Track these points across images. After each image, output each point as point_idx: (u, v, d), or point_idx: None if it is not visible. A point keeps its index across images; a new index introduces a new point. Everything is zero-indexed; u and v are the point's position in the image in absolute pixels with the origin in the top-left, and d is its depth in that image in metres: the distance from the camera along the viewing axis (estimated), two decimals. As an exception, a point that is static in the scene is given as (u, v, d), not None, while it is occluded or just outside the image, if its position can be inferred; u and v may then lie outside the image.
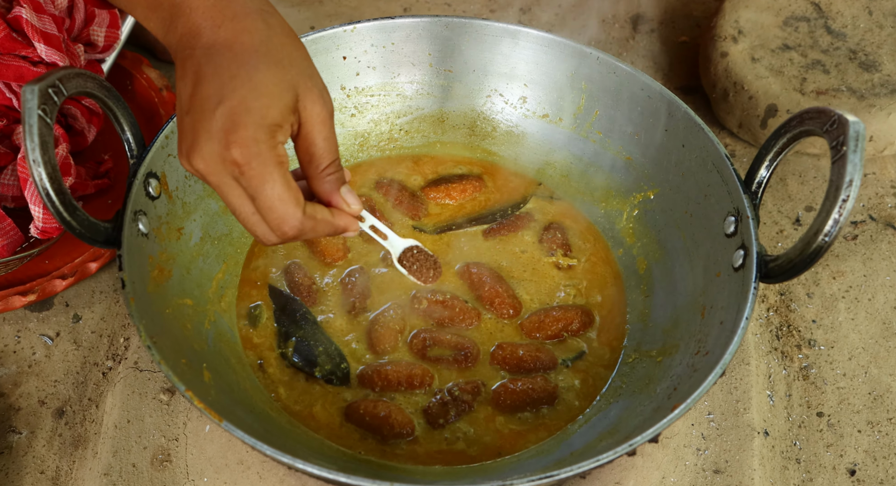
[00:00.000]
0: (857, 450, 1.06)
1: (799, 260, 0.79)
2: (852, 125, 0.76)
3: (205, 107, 0.73)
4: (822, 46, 1.34)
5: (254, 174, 0.74)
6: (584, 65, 1.07)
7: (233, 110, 0.72)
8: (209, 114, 0.73)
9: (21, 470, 1.01)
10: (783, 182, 1.30)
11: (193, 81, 0.75)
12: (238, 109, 0.72)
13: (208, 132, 0.73)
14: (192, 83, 0.75)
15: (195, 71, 0.75)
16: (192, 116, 0.74)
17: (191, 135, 0.74)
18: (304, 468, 0.70)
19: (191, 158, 0.74)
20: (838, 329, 1.15)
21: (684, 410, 0.74)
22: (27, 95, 0.74)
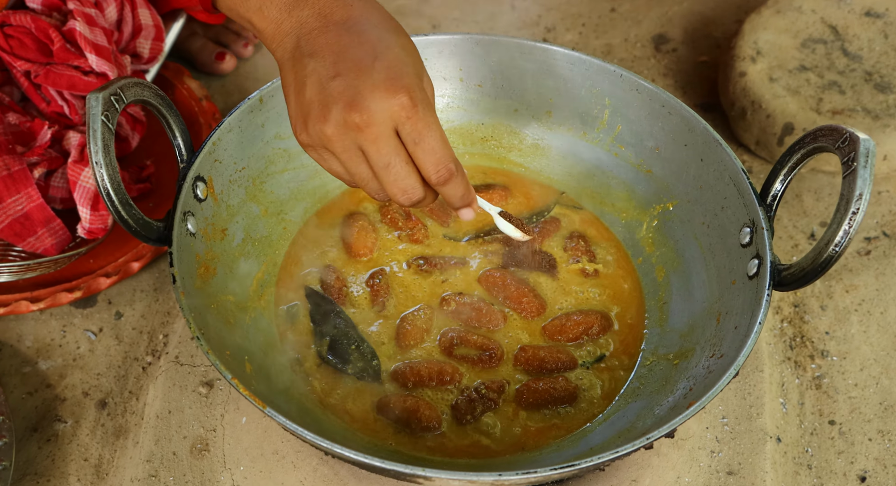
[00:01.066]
0: (867, 458, 1.08)
1: (811, 269, 0.83)
2: (863, 142, 0.80)
3: (360, 66, 0.76)
4: (838, 68, 1.37)
5: (420, 117, 0.76)
6: (608, 82, 1.09)
7: (391, 64, 0.77)
8: (367, 69, 0.76)
9: (66, 457, 1.05)
10: (799, 198, 1.33)
11: (335, 50, 0.78)
12: (396, 63, 0.77)
13: (372, 85, 0.75)
14: (334, 52, 0.78)
15: (335, 41, 0.79)
16: (344, 78, 0.76)
17: (348, 93, 0.76)
18: (341, 452, 0.74)
19: (350, 115, 0.76)
20: (851, 341, 1.18)
21: (699, 408, 0.78)
22: (92, 102, 0.79)
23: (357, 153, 0.79)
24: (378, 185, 0.82)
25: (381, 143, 0.77)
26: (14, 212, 1.12)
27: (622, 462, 1.00)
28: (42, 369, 1.12)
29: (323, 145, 0.80)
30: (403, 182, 0.80)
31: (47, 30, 1.17)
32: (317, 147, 0.82)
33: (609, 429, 0.93)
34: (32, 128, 1.18)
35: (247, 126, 1.03)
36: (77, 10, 1.19)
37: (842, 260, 1.25)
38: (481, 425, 0.95)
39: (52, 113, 1.21)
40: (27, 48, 1.18)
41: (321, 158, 0.83)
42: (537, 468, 0.73)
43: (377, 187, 0.82)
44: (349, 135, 0.78)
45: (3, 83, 1.24)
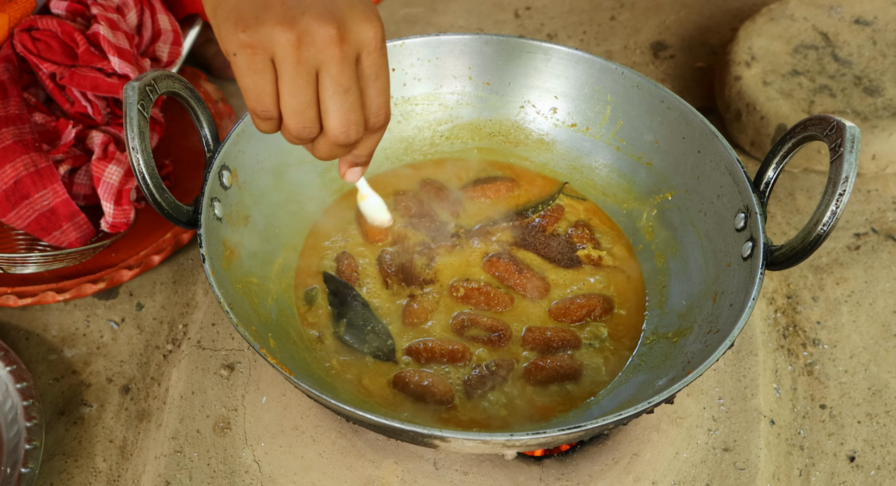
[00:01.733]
0: (856, 439, 1.12)
1: (801, 248, 0.87)
2: (849, 129, 0.84)
3: None
4: (829, 72, 1.42)
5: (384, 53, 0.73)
6: (610, 79, 1.14)
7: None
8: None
9: (92, 438, 1.09)
10: (792, 196, 1.37)
11: None
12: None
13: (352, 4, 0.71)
14: None
15: None
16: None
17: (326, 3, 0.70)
18: (362, 416, 0.78)
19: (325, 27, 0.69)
20: (841, 330, 1.22)
21: (697, 375, 0.82)
22: (129, 91, 0.84)
23: (309, 72, 0.71)
24: (313, 115, 0.74)
25: (345, 65, 0.71)
26: (41, 206, 1.16)
27: (624, 437, 1.04)
28: (67, 356, 1.17)
29: (268, 52, 0.71)
30: (355, 114, 0.74)
31: (73, 33, 1.22)
32: (257, 51, 0.71)
33: (612, 402, 0.97)
34: (57, 127, 1.23)
35: None
36: (101, 15, 1.24)
37: (833, 254, 1.30)
38: (492, 399, 0.99)
39: (75, 113, 1.25)
40: (53, 51, 1.22)
41: (251, 65, 0.72)
42: (546, 429, 0.78)
43: (310, 118, 0.74)
44: (313, 48, 0.70)
45: (29, 85, 1.28)
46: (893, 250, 1.31)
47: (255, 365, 1.11)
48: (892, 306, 1.24)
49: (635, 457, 1.03)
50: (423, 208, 1.16)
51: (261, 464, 1.03)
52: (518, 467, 1.00)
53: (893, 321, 1.23)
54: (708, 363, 0.83)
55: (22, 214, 1.16)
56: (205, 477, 1.03)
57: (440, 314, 1.07)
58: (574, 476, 1.00)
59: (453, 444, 0.80)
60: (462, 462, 0.99)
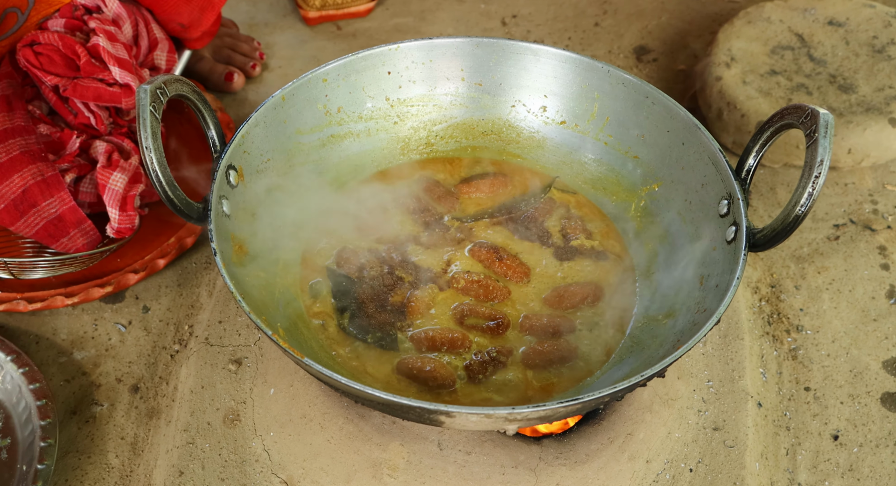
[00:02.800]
0: (839, 419, 1.15)
1: (781, 229, 0.90)
2: (822, 116, 0.88)
3: None
4: (805, 72, 1.47)
5: None
6: (596, 77, 1.17)
7: None
8: None
9: (104, 436, 1.11)
10: (773, 191, 1.41)
11: None
12: None
13: None
14: None
15: None
16: None
17: None
18: (372, 394, 0.80)
19: None
20: (823, 316, 1.25)
21: (686, 349, 0.84)
22: (141, 94, 0.88)
23: None
24: None
25: None
26: (48, 214, 1.19)
27: (618, 418, 1.08)
28: (77, 358, 1.19)
29: None
30: None
31: (74, 46, 1.24)
32: None
33: (607, 380, 1.00)
34: (62, 138, 1.26)
35: (271, 121, 1.10)
36: (99, 28, 1.27)
37: (813, 245, 1.34)
38: (492, 383, 1.02)
39: (79, 124, 1.28)
40: (56, 64, 1.25)
41: None
42: (546, 403, 0.81)
43: None
44: None
45: (31, 98, 1.31)
46: (871, 240, 1.34)
47: (262, 359, 1.15)
48: (870, 292, 1.28)
49: (629, 437, 1.06)
50: (420, 204, 1.19)
51: (270, 452, 1.06)
52: (518, 446, 1.03)
53: (872, 307, 1.26)
54: (697, 337, 0.86)
55: (30, 222, 1.18)
56: (217, 467, 1.06)
57: (441, 305, 1.10)
58: (572, 455, 1.04)
59: (458, 419, 0.83)
60: (465, 442, 1.03)
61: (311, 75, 1.14)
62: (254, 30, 1.72)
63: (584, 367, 1.04)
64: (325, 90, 1.16)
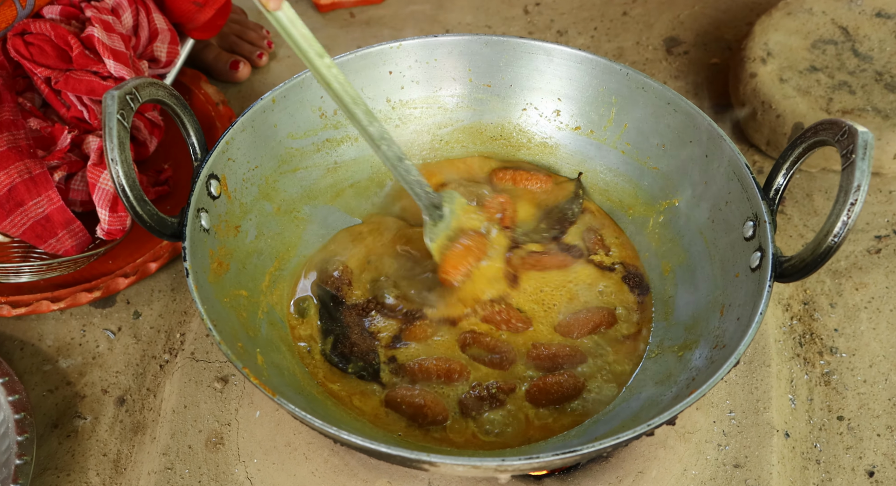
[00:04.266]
0: (875, 453, 1.08)
1: (811, 260, 0.84)
2: (861, 135, 0.80)
3: None
4: (849, 68, 1.38)
5: None
6: (614, 80, 1.11)
7: None
8: None
9: (86, 452, 1.07)
10: (810, 198, 1.33)
11: None
12: None
13: None
14: None
15: None
16: None
17: None
18: (347, 439, 0.75)
19: None
20: (860, 338, 1.18)
21: (699, 395, 0.78)
22: (108, 101, 0.82)
23: None
24: None
25: None
26: (35, 214, 1.14)
27: (628, 454, 1.00)
28: (62, 367, 1.15)
29: None
30: None
31: (66, 37, 1.20)
32: None
33: (614, 420, 0.93)
34: (53, 132, 1.21)
35: (260, 126, 1.05)
36: (95, 17, 1.22)
37: (852, 258, 1.26)
38: (487, 419, 0.96)
39: (71, 118, 1.24)
40: (47, 55, 1.20)
41: None
42: (539, 454, 0.74)
43: None
44: None
45: (24, 90, 1.26)
46: (916, 254, 1.26)
47: (250, 378, 1.09)
48: (913, 312, 1.20)
49: (640, 475, 0.99)
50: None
51: (253, 481, 1.00)
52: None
53: (915, 329, 1.19)
54: (712, 382, 0.80)
55: (17, 221, 1.14)
56: (196, 495, 1.01)
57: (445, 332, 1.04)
58: (576, 496, 0.97)
59: (442, 468, 0.76)
60: (457, 483, 0.96)
61: (305, 76, 1.08)
62: (262, 17, 1.65)
63: (591, 403, 0.98)
64: (321, 91, 1.10)
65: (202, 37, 1.41)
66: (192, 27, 1.38)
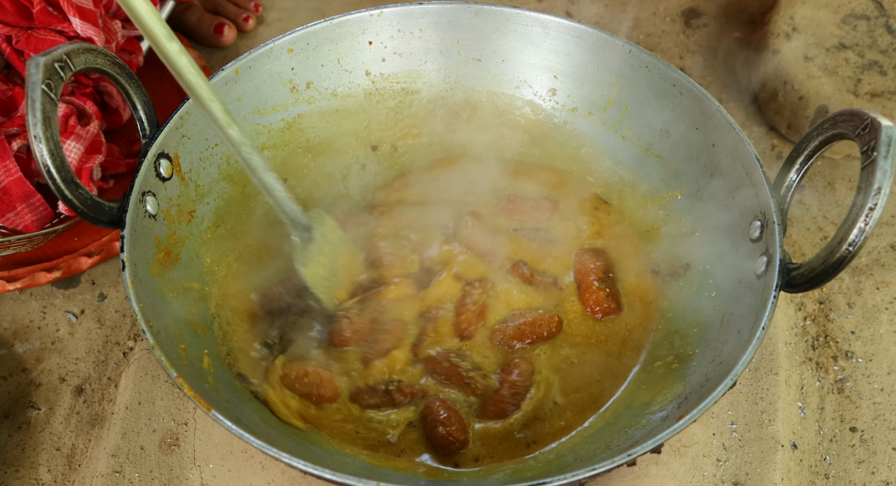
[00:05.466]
0: (890, 468, 1.03)
1: (821, 270, 0.77)
2: (885, 130, 0.73)
3: None
4: (881, 47, 1.31)
5: None
6: (616, 58, 1.04)
7: None
8: None
9: (38, 446, 1.02)
10: (831, 187, 1.27)
11: None
12: None
13: None
14: None
15: None
16: None
17: None
18: (288, 462, 0.69)
19: None
20: (878, 342, 1.12)
21: (689, 421, 0.72)
22: (31, 68, 0.74)
23: None
24: None
25: None
26: (-8, 186, 1.09)
27: (617, 471, 0.94)
28: (18, 352, 1.10)
29: None
30: None
31: (26, -10, 1.14)
32: None
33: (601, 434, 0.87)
34: (14, 97, 1.16)
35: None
36: (60, -29, 1.16)
37: (873, 254, 1.20)
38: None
39: (36, 81, 1.18)
40: (6, 11, 1.15)
41: None
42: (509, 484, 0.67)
43: None
44: None
45: (-18, 49, 1.21)
46: (944, 251, 1.20)
47: (210, 374, 1.02)
48: (939, 315, 1.14)
49: (629, 494, 0.92)
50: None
51: (208, 488, 0.93)
52: (492, 507, 0.89)
53: (940, 334, 1.12)
54: (703, 407, 0.73)
55: (-30, 194, 1.09)
56: (145, 501, 0.94)
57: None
58: (557, 517, 0.89)
59: (393, 497, 0.69)
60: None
61: (274, 44, 1.02)
62: (253, -23, 1.58)
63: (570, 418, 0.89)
64: (292, 62, 1.04)
65: None
66: None
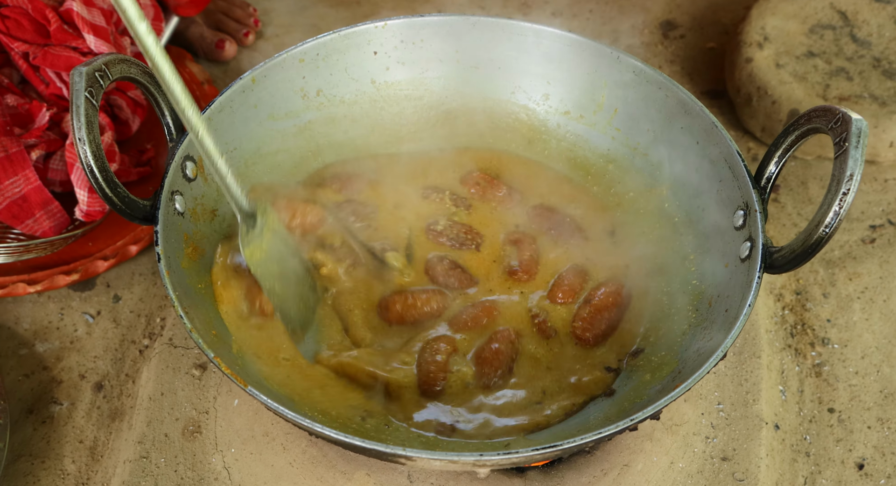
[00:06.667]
0: (866, 445, 1.07)
1: (801, 251, 0.82)
2: (855, 123, 0.78)
3: None
4: (846, 54, 1.36)
5: None
6: (605, 64, 1.08)
7: None
8: None
9: (61, 439, 1.05)
10: (804, 186, 1.32)
11: None
12: None
13: None
14: None
15: None
16: None
17: None
18: (322, 431, 0.73)
19: None
20: (852, 329, 1.17)
21: (684, 389, 0.77)
22: (75, 77, 0.79)
23: None
24: None
25: None
26: (11, 194, 1.12)
27: (613, 447, 0.99)
28: (39, 351, 1.13)
29: None
30: None
31: (44, 10, 1.17)
32: None
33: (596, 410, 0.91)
34: (31, 110, 1.18)
35: (239, 106, 1.02)
36: (74, -10, 1.19)
37: (846, 248, 1.25)
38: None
39: (50, 95, 1.21)
40: (24, 29, 1.18)
41: None
42: (519, 450, 0.72)
43: None
44: None
45: (2, 65, 1.24)
46: (911, 244, 1.25)
47: (228, 365, 1.06)
48: (908, 303, 1.19)
49: (626, 468, 0.97)
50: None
51: (230, 471, 0.98)
52: (499, 480, 0.94)
53: (909, 320, 1.17)
54: (697, 376, 0.78)
55: (-8, 202, 1.12)
56: (171, 485, 0.98)
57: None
58: (559, 489, 0.94)
59: (419, 463, 0.74)
60: (437, 475, 0.94)
61: (287, 55, 1.06)
62: (250, -6, 1.63)
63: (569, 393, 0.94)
64: (303, 71, 1.08)
65: (188, 13, 1.38)
66: (176, 3, 1.36)
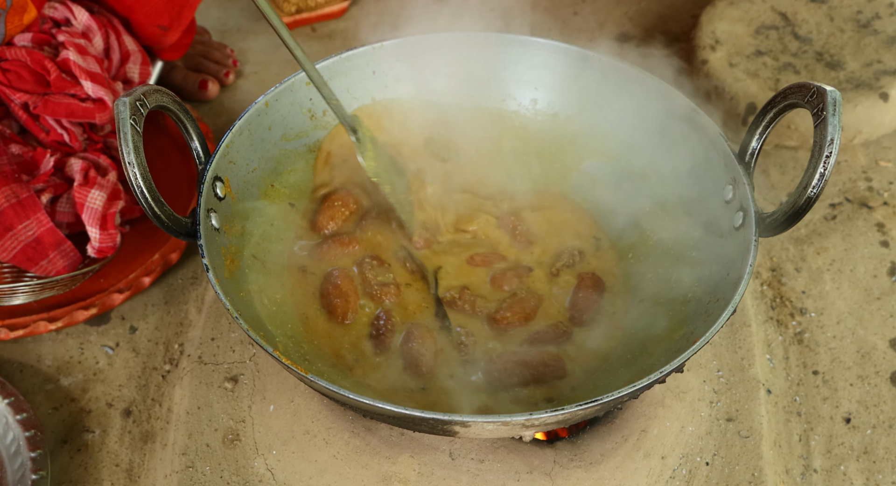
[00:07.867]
0: (850, 401, 1.14)
1: (792, 212, 0.88)
2: (829, 93, 0.85)
3: None
4: (791, 50, 1.46)
5: None
6: (588, 66, 1.14)
7: None
8: None
9: (98, 464, 1.08)
10: (766, 174, 1.39)
11: None
12: None
13: None
14: None
15: None
16: None
17: None
18: (382, 408, 0.77)
19: None
20: (826, 298, 1.24)
21: (705, 342, 0.82)
22: (120, 107, 0.84)
23: None
24: None
25: None
26: (25, 237, 1.15)
27: (631, 415, 1.05)
28: (64, 385, 1.15)
29: None
30: None
31: (43, 61, 1.21)
32: None
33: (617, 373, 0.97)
34: (35, 157, 1.21)
35: (255, 128, 1.07)
36: (68, 41, 1.23)
37: (811, 226, 1.32)
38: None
39: (52, 142, 1.24)
40: (25, 80, 1.21)
41: None
42: (564, 406, 0.78)
43: None
44: None
45: (1, 117, 1.27)
46: (868, 218, 1.33)
47: (259, 375, 1.11)
48: (871, 270, 1.27)
49: (643, 433, 1.04)
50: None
51: (274, 472, 1.02)
52: (532, 451, 1.00)
53: (874, 285, 1.25)
54: (715, 329, 0.83)
55: (7, 246, 1.14)
56: (219, 490, 1.03)
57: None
58: (587, 456, 1.01)
59: (473, 428, 0.80)
60: (478, 450, 1.00)
61: (294, 79, 1.11)
62: (226, 36, 1.68)
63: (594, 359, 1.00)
64: (309, 94, 1.13)
65: (172, 57, 1.43)
66: (159, 49, 1.40)
